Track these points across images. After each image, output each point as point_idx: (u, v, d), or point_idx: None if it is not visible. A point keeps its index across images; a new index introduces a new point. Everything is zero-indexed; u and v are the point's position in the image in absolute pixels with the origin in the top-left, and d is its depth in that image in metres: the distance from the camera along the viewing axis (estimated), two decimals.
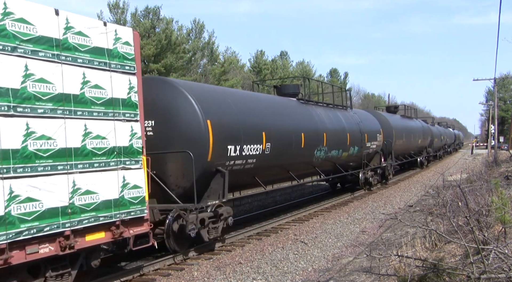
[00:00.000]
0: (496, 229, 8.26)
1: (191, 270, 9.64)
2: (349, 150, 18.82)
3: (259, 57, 62.99)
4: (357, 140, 19.67)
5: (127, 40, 8.38)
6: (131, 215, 8.16)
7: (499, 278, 5.99)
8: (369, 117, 23.47)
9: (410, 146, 30.63)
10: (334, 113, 18.58)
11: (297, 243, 11.94)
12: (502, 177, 18.62)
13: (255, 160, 12.43)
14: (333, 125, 17.51)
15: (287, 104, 15.57)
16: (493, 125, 56.00)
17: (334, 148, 17.30)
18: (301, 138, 14.76)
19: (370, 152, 21.71)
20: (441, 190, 14.20)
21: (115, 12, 39.52)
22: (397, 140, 26.31)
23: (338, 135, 17.76)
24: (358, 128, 19.96)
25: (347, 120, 19.37)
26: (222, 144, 11.13)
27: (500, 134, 70.80)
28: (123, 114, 8.14)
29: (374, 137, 22.02)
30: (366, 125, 21.36)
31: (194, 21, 48.43)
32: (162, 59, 38.75)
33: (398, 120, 29.60)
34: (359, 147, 19.91)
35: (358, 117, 20.91)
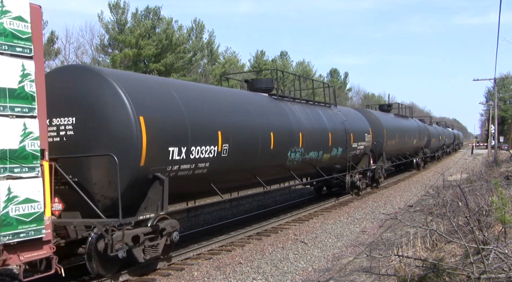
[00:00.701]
0: (496, 229, 8.27)
1: (191, 270, 9.64)
2: (332, 151, 17.12)
3: (259, 57, 62.99)
4: (341, 141, 17.96)
5: (20, 14, 6.69)
6: (21, 237, 6.41)
7: (499, 278, 5.99)
8: (357, 115, 21.68)
9: (404, 146, 29.10)
10: (314, 111, 16.75)
11: (297, 243, 11.94)
12: (502, 177, 18.61)
13: (208, 164, 10.52)
14: (311, 124, 15.75)
15: (255, 100, 13.67)
16: (493, 125, 55.99)
17: (313, 150, 15.58)
18: (270, 138, 13.00)
19: (357, 154, 19.95)
20: (441, 190, 14.20)
21: (116, 12, 39.55)
22: (389, 141, 24.66)
23: (318, 135, 16.00)
24: (342, 127, 18.27)
25: (330, 118, 17.62)
26: (161, 146, 9.25)
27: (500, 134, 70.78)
28: (10, 108, 6.43)
29: (361, 137, 20.26)
30: (352, 124, 19.56)
31: (194, 20, 48.48)
32: (162, 59, 38.77)
33: (391, 119, 27.94)
34: (344, 148, 18.16)
35: (343, 116, 19.11)
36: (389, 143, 24.85)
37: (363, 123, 21.30)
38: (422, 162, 35.29)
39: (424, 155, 35.70)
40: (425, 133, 35.34)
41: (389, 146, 24.83)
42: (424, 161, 36.36)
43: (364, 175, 21.13)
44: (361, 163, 20.95)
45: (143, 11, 40.64)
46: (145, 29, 38.66)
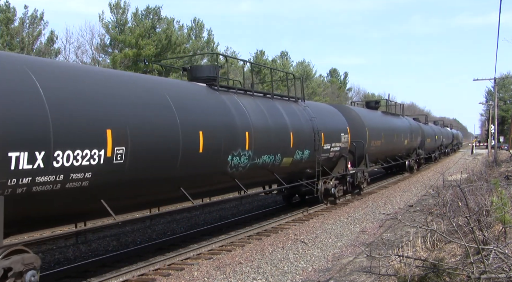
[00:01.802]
0: (496, 229, 8.27)
1: (191, 270, 9.64)
2: (295, 154, 14.28)
3: (259, 57, 63.01)
4: (308, 142, 15.14)
5: None
6: None
7: (499, 278, 6.00)
8: (331, 112, 18.75)
9: (393, 147, 26.29)
10: (271, 106, 13.94)
11: (297, 243, 11.94)
12: (502, 177, 18.63)
13: (90, 175, 7.75)
14: (265, 122, 12.97)
15: (181, 91, 10.82)
16: (493, 125, 55.99)
17: (267, 153, 12.77)
18: (198, 139, 10.13)
19: (330, 157, 17.14)
20: (441, 190, 14.20)
21: (116, 12, 39.58)
22: (372, 141, 21.81)
23: (274, 135, 13.20)
24: (310, 125, 15.44)
25: (293, 115, 14.80)
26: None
27: (500, 134, 70.81)
28: None
29: (336, 138, 17.41)
30: (324, 122, 16.72)
31: (194, 20, 48.53)
32: (162, 59, 38.77)
33: (377, 117, 24.84)
34: (312, 150, 15.35)
35: (312, 112, 16.19)
36: (373, 144, 22.03)
37: (338, 121, 18.54)
38: (415, 164, 32.49)
39: (417, 157, 32.79)
40: (418, 132, 32.44)
41: (373, 147, 22.09)
42: (418, 163, 33.57)
43: (342, 181, 18.50)
44: (337, 168, 18.31)
45: (143, 11, 40.70)
46: (145, 29, 38.69)
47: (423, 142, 34.16)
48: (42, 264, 10.35)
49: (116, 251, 11.28)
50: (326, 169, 17.17)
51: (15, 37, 33.42)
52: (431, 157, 41.04)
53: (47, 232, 11.30)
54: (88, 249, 11.79)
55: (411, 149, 30.92)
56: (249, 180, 12.68)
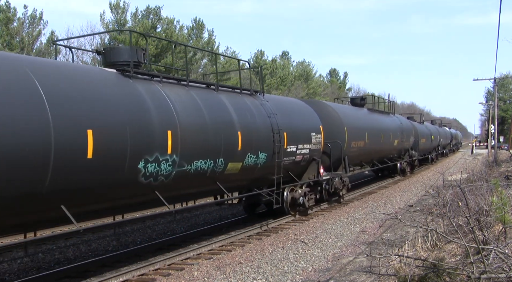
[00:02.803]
0: (496, 229, 8.28)
1: (191, 270, 9.64)
2: (246, 158, 11.86)
3: (258, 57, 63.03)
4: (265, 143, 12.67)
5: None
6: None
7: (499, 278, 6.00)
8: (299, 108, 16.13)
9: (380, 148, 23.60)
10: (212, 99, 11.36)
11: (297, 243, 11.94)
12: (502, 177, 18.63)
13: None
14: (200, 118, 10.42)
15: (69, 77, 8.22)
16: (493, 125, 56.00)
17: (202, 157, 10.27)
18: (84, 141, 7.70)
19: (297, 160, 14.66)
20: (441, 190, 14.20)
21: (116, 12, 39.62)
22: (353, 142, 19.28)
23: (212, 135, 10.66)
24: (267, 123, 13.01)
25: (244, 110, 12.29)
26: None
27: (500, 134, 70.82)
28: None
29: (304, 138, 14.94)
30: (288, 119, 14.26)
31: (194, 20, 48.55)
32: (162, 59, 38.81)
33: (360, 114, 22.27)
34: (270, 153, 12.92)
35: (271, 107, 13.61)
36: (354, 145, 19.53)
37: (309, 119, 15.94)
38: (407, 166, 29.68)
39: (410, 158, 29.98)
40: (410, 132, 29.73)
41: (354, 148, 19.58)
42: (411, 165, 30.83)
43: (314, 188, 16.17)
44: (307, 173, 15.80)
45: (143, 11, 40.74)
46: (145, 29, 38.71)
47: (416, 143, 31.63)
48: (42, 264, 10.38)
49: (116, 251, 11.28)
50: (292, 175, 14.60)
51: (15, 37, 33.44)
52: (427, 159, 38.81)
53: (47, 232, 11.30)
54: (88, 249, 11.80)
55: (402, 150, 28.30)
56: (178, 192, 10.24)
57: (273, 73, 61.25)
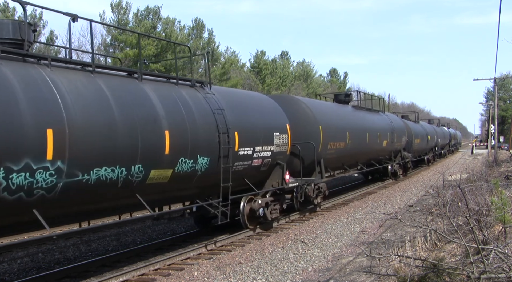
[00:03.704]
0: (496, 229, 8.28)
1: (191, 270, 9.65)
2: (178, 164, 9.64)
3: (259, 57, 63.02)
4: (206, 145, 10.48)
5: None
6: None
7: (499, 278, 6.00)
8: (258, 103, 13.68)
9: (365, 150, 21.27)
10: (128, 90, 9.06)
11: (297, 243, 11.94)
12: (502, 177, 18.63)
13: None
14: (105, 114, 8.22)
15: None
16: (493, 125, 56.01)
17: (108, 163, 8.14)
18: None
19: (255, 166, 12.49)
20: (441, 190, 14.20)
21: (117, 12, 39.66)
22: (330, 142, 17.15)
23: (122, 134, 8.41)
24: (211, 121, 10.80)
25: (178, 105, 10.02)
26: None
27: (500, 134, 70.83)
28: None
29: (264, 139, 12.72)
30: (240, 116, 12.06)
31: (195, 20, 48.57)
32: (162, 59, 38.82)
33: (343, 112, 19.92)
34: (215, 157, 10.71)
35: (218, 101, 11.39)
36: (332, 146, 17.36)
37: (271, 116, 13.68)
38: (399, 169, 27.45)
39: (403, 160, 27.80)
40: (402, 132, 27.41)
41: (332, 150, 17.38)
42: (404, 167, 28.67)
43: (281, 197, 14.16)
44: (270, 180, 13.64)
45: (143, 11, 40.78)
46: (146, 29, 38.74)
47: (410, 143, 29.44)
48: (42, 264, 10.39)
49: (116, 251, 11.29)
50: (249, 183, 12.46)
51: None
52: (424, 160, 37.07)
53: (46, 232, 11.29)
54: (88, 249, 11.80)
55: (393, 152, 25.98)
56: (73, 209, 8.13)
57: (273, 73, 61.26)
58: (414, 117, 37.32)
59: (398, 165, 27.08)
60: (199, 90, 11.29)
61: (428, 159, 38.30)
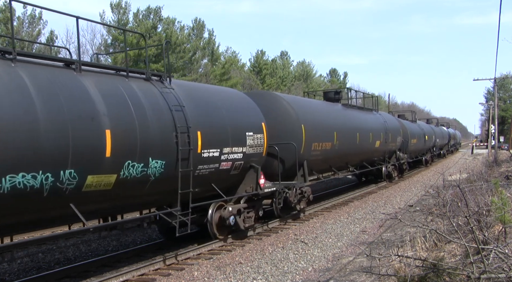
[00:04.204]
0: (496, 229, 8.28)
1: (191, 270, 9.65)
2: (123, 169, 8.41)
3: (259, 57, 63.07)
4: (162, 146, 9.19)
5: None
6: None
7: (499, 278, 6.00)
8: (227, 98, 12.22)
9: (355, 151, 19.96)
10: (60, 83, 7.79)
11: (297, 243, 11.95)
12: (502, 177, 18.63)
13: None
14: (20, 110, 6.95)
15: None
16: (493, 125, 56.01)
17: (21, 169, 6.85)
18: None
19: (224, 169, 11.20)
20: (441, 190, 14.21)
21: (117, 12, 39.68)
22: (315, 143, 15.86)
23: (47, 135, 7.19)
24: (168, 119, 9.49)
25: (124, 100, 8.73)
26: None
27: (500, 134, 70.84)
28: None
29: (236, 139, 11.45)
30: (205, 113, 10.75)
31: (195, 20, 48.57)
32: (162, 59, 38.82)
33: (331, 111, 18.70)
34: (171, 160, 9.40)
35: (178, 97, 10.01)
36: (317, 147, 16.07)
37: (244, 114, 12.33)
38: (395, 170, 26.26)
39: (398, 161, 26.65)
40: (397, 132, 26.21)
41: (316, 151, 16.15)
42: (399, 169, 27.52)
43: (256, 203, 12.82)
44: (244, 184, 12.36)
45: (144, 11, 40.81)
46: (146, 29, 38.75)
47: (406, 144, 28.14)
48: (42, 264, 10.39)
49: (116, 251, 11.29)
50: (217, 188, 11.10)
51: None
52: (421, 161, 35.83)
53: (47, 232, 11.31)
54: (88, 249, 11.81)
55: (387, 153, 24.80)
56: None
57: (273, 73, 61.29)
58: (411, 117, 36.05)
59: (393, 167, 26.00)
60: (155, 84, 9.91)
61: (426, 160, 37.31)
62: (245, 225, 12.20)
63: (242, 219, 12.06)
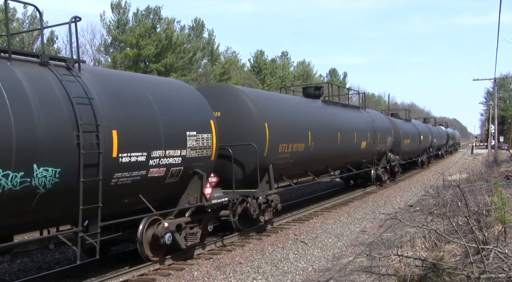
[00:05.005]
0: (496, 229, 8.28)
1: (191, 270, 9.65)
2: None
3: (259, 57, 63.08)
4: (55, 149, 7.24)
5: None
6: None
7: (499, 278, 6.00)
8: (164, 90, 10.12)
9: (337, 153, 17.86)
10: None
11: (297, 243, 11.95)
12: (502, 177, 18.64)
13: None
14: None
15: None
16: (493, 125, 56.01)
17: None
18: None
19: (156, 177, 9.19)
20: (441, 190, 14.21)
21: (117, 12, 39.67)
22: (283, 144, 13.74)
23: None
24: (67, 115, 7.56)
25: None
26: None
27: (500, 134, 70.83)
28: None
29: (172, 140, 9.47)
30: (126, 107, 8.76)
31: (195, 20, 48.58)
32: (162, 59, 38.83)
33: (308, 108, 16.68)
34: (70, 167, 7.44)
35: (85, 87, 8.09)
36: (286, 148, 13.95)
37: (185, 110, 10.24)
38: (385, 173, 24.16)
39: (389, 164, 24.61)
40: (387, 131, 24.17)
41: (285, 154, 14.03)
42: (391, 171, 25.34)
43: (204, 216, 10.73)
44: (187, 195, 10.28)
45: (143, 11, 40.79)
46: (146, 29, 38.74)
47: (398, 144, 26.15)
48: (42, 264, 10.39)
49: (116, 251, 11.28)
50: (145, 201, 9.03)
51: (15, 37, 33.44)
52: (417, 162, 34.26)
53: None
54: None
55: (376, 154, 22.60)
56: None
57: (273, 73, 61.29)
58: (405, 115, 34.02)
59: (384, 169, 23.94)
60: (54, 71, 7.81)
61: (422, 161, 35.84)
62: (187, 243, 10.14)
63: (183, 236, 10.07)
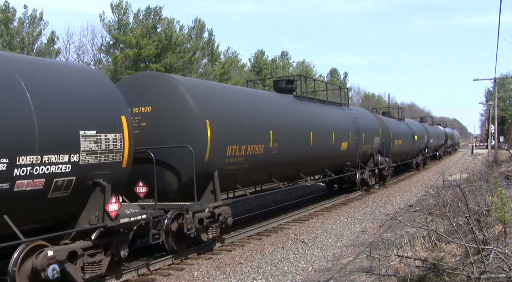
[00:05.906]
0: (496, 229, 8.28)
1: (191, 270, 9.64)
2: None
3: (259, 57, 63.10)
4: None
5: None
6: None
7: (499, 278, 6.00)
8: (52, 73, 7.65)
9: (309, 156, 15.44)
10: None
11: (297, 243, 11.95)
12: (502, 177, 18.64)
13: None
14: None
15: None
16: (493, 125, 56.00)
17: None
18: None
19: (29, 191, 6.75)
20: (441, 190, 14.21)
21: (118, 12, 39.69)
22: (232, 146, 11.39)
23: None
24: None
25: None
26: None
27: (500, 134, 70.81)
28: None
29: (58, 141, 7.06)
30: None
31: (195, 20, 48.58)
32: (162, 59, 38.83)
33: (276, 104, 14.46)
34: None
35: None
36: (236, 152, 11.60)
37: (81, 103, 7.75)
38: (372, 178, 21.79)
39: (376, 167, 22.10)
40: (374, 131, 21.69)
41: (238, 158, 11.75)
42: (379, 175, 22.89)
43: (115, 239, 8.22)
44: (87, 213, 7.86)
45: (144, 11, 40.80)
46: (146, 29, 38.75)
47: (387, 145, 23.55)
48: None
49: None
50: (11, 223, 6.63)
51: (15, 37, 33.48)
52: (411, 164, 32.30)
53: None
54: None
55: (360, 157, 19.98)
56: None
57: (273, 73, 61.29)
58: (398, 114, 31.77)
59: (371, 173, 21.54)
60: None
61: (417, 163, 33.70)
62: (84, 276, 7.68)
63: (79, 266, 7.60)
